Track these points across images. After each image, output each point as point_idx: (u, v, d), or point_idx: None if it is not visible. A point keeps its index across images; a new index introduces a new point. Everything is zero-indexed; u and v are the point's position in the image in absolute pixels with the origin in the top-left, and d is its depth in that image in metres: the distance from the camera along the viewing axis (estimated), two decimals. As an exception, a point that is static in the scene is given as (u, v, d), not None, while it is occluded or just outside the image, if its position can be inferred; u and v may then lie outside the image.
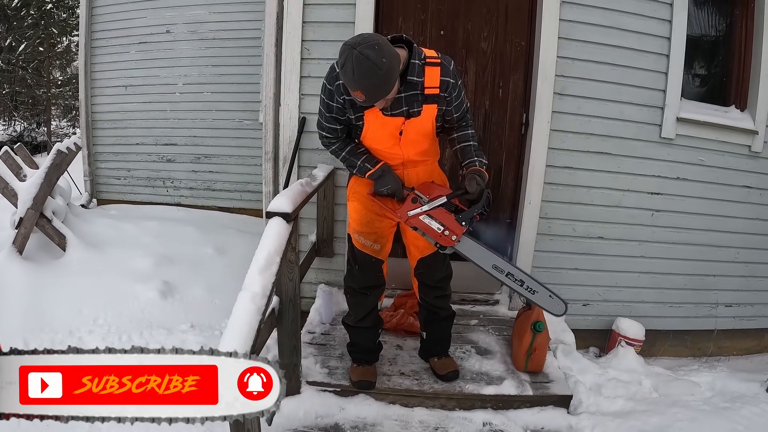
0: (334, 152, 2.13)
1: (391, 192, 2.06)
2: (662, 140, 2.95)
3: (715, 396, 2.57)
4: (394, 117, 1.97)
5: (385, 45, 1.72)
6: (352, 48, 1.68)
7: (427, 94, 1.93)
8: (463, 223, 1.99)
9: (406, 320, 2.78)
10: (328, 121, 2.03)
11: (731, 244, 3.17)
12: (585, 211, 3.01)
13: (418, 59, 1.89)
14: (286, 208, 1.95)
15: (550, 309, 2.17)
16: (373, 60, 1.66)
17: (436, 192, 2.02)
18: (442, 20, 2.91)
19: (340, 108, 1.97)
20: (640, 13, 2.79)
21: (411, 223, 2.04)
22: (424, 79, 1.91)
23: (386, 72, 1.69)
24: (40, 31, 10.76)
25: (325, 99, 1.98)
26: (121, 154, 5.79)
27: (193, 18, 5.29)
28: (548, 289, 2.15)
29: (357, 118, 1.99)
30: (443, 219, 2.00)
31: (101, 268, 3.60)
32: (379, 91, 1.75)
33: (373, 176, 2.06)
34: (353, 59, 1.67)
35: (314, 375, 2.39)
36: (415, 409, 2.31)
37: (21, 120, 12.32)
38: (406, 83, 1.90)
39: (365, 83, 1.71)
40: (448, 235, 2.00)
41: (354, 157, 2.08)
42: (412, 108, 1.95)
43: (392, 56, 1.73)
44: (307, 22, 2.80)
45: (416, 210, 2.00)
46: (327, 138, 2.10)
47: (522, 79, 2.96)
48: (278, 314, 2.19)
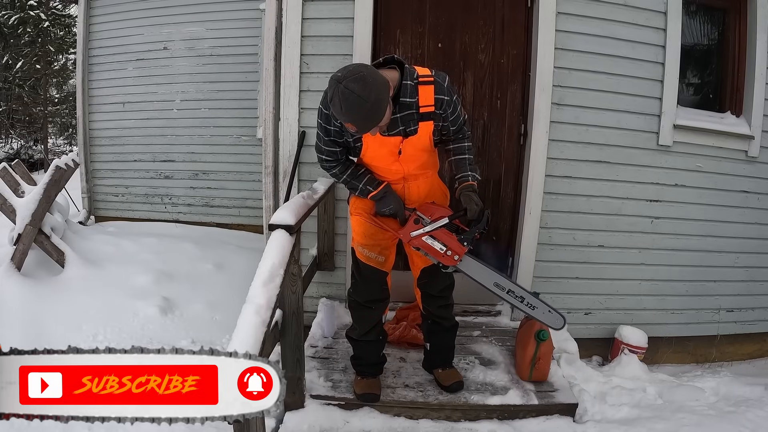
0: (335, 176, 2.15)
1: (392, 212, 2.09)
2: (660, 147, 2.97)
3: (719, 401, 2.57)
4: (392, 137, 1.98)
5: (371, 76, 1.71)
6: (338, 82, 1.69)
7: (422, 112, 1.94)
8: (464, 243, 2.04)
9: (408, 332, 2.76)
10: (327, 145, 2.04)
11: (731, 249, 3.18)
12: (585, 220, 3.02)
13: (411, 79, 1.91)
14: (289, 220, 1.95)
15: (550, 323, 2.25)
16: (358, 93, 1.67)
17: (438, 213, 2.07)
18: (440, 33, 2.95)
19: (338, 131, 1.98)
20: (634, 23, 2.83)
21: (414, 244, 2.08)
22: (417, 98, 1.92)
23: (373, 104, 1.70)
24: (36, 49, 10.82)
25: (323, 123, 2.00)
26: (119, 171, 5.79)
27: (190, 34, 5.34)
28: (547, 304, 2.23)
29: (355, 140, 2.01)
30: (445, 239, 2.05)
31: (100, 285, 3.58)
32: (368, 122, 1.75)
33: (375, 197, 2.09)
34: (339, 94, 1.69)
35: (318, 388, 2.37)
36: (420, 421, 2.30)
37: (18, 138, 12.31)
38: (399, 104, 1.91)
39: (354, 116, 1.72)
40: (451, 255, 2.05)
41: (356, 180, 2.10)
42: (409, 127, 1.97)
43: (379, 87, 1.72)
44: (306, 36, 2.83)
45: (419, 231, 2.06)
46: (327, 161, 2.10)
47: (520, 90, 2.99)
48: (281, 327, 2.18)
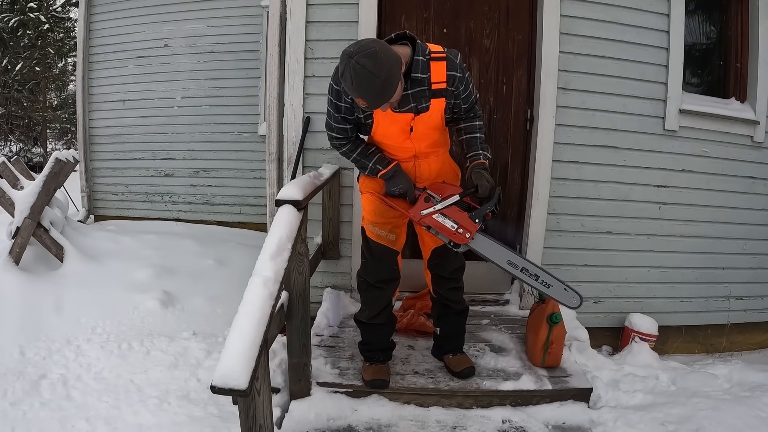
0: (345, 153, 2.12)
1: (402, 192, 2.05)
2: (666, 132, 2.95)
3: (733, 387, 2.53)
4: (404, 113, 1.95)
5: (383, 51, 1.70)
6: (350, 57, 1.68)
7: (434, 89, 1.92)
8: (476, 221, 2.00)
9: (417, 320, 2.72)
10: (337, 122, 2.02)
11: (738, 235, 3.15)
12: (593, 206, 2.99)
13: (422, 55, 1.89)
14: (296, 195, 1.91)
15: (566, 302, 2.16)
16: (369, 69, 1.65)
17: (449, 191, 2.03)
18: (445, 19, 2.94)
19: (349, 108, 1.96)
20: (638, 8, 2.83)
21: (424, 222, 2.04)
22: (430, 74, 1.90)
23: (384, 79, 1.68)
24: (36, 52, 10.81)
25: (333, 100, 1.97)
26: (118, 170, 5.75)
27: (191, 32, 5.33)
28: (563, 282, 2.15)
29: (366, 116, 1.98)
30: (457, 217, 2.00)
31: (100, 279, 3.52)
32: (379, 98, 1.73)
33: (385, 176, 2.06)
34: (351, 69, 1.67)
35: (325, 376, 2.32)
36: (431, 409, 2.24)
37: (17, 141, 12.26)
38: (411, 80, 1.89)
39: (365, 92, 1.70)
40: (462, 233, 2.00)
41: (365, 158, 2.07)
42: (420, 104, 1.94)
43: (391, 62, 1.70)
44: (311, 21, 2.81)
45: (430, 209, 2.01)
46: (337, 139, 2.07)
47: (525, 75, 2.97)
48: (287, 310, 2.13)
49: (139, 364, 2.79)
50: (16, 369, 2.66)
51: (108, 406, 2.44)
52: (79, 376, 2.66)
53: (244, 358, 1.37)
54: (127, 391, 2.55)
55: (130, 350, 2.89)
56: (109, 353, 2.86)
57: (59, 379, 2.62)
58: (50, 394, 2.51)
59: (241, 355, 1.38)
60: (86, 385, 2.59)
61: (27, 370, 2.66)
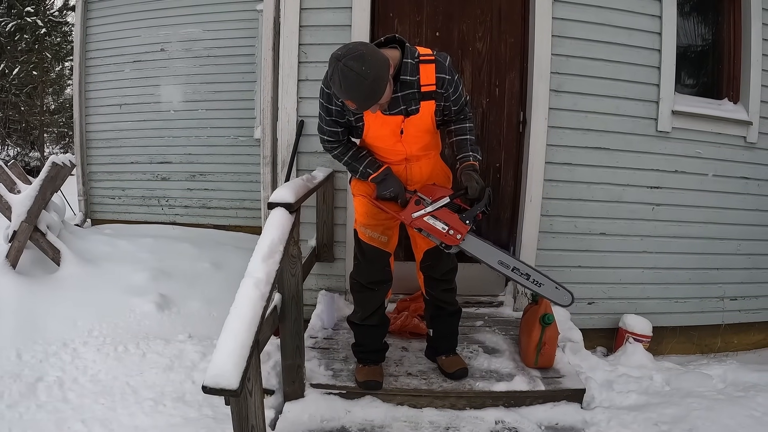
0: (336, 157, 2.13)
1: (393, 195, 2.07)
2: (659, 134, 2.97)
3: (728, 387, 2.53)
4: (394, 116, 1.97)
5: (370, 53, 1.71)
6: (338, 60, 1.69)
7: (423, 91, 1.94)
8: (467, 222, 2.01)
9: (410, 322, 2.72)
10: (328, 125, 2.03)
11: (732, 236, 3.16)
12: (586, 208, 3.00)
13: (412, 58, 1.90)
14: (288, 198, 1.92)
15: (557, 300, 2.17)
16: (357, 71, 1.67)
17: (439, 193, 2.05)
18: (437, 22, 2.96)
19: (339, 110, 1.97)
20: (630, 10, 2.85)
21: (415, 225, 2.05)
22: (419, 77, 1.91)
23: (372, 81, 1.69)
24: (33, 56, 10.82)
25: (324, 103, 1.99)
26: (115, 174, 5.76)
27: (187, 36, 5.35)
28: (554, 280, 2.16)
29: (357, 119, 1.99)
30: (447, 219, 2.02)
31: (96, 282, 3.53)
32: (368, 100, 1.75)
33: (375, 180, 2.07)
34: (339, 71, 1.69)
35: (318, 377, 2.32)
36: (425, 410, 2.25)
37: (14, 145, 12.27)
38: (400, 83, 1.91)
39: (353, 93, 1.72)
40: (453, 234, 2.02)
41: (356, 162, 2.08)
42: (410, 106, 1.96)
43: (378, 64, 1.71)
44: (304, 26, 2.83)
45: (420, 212, 2.03)
46: (329, 142, 2.09)
47: (518, 77, 2.99)
48: (280, 312, 2.13)
49: (135, 366, 2.80)
50: (12, 372, 2.67)
51: (104, 408, 2.45)
52: (76, 379, 2.67)
53: (235, 359, 1.38)
54: (123, 393, 2.56)
55: (126, 353, 2.90)
56: (106, 356, 2.87)
57: (56, 382, 2.63)
58: (47, 397, 2.53)
59: (232, 355, 1.38)
60: (82, 388, 2.61)
61: (24, 373, 2.67)
